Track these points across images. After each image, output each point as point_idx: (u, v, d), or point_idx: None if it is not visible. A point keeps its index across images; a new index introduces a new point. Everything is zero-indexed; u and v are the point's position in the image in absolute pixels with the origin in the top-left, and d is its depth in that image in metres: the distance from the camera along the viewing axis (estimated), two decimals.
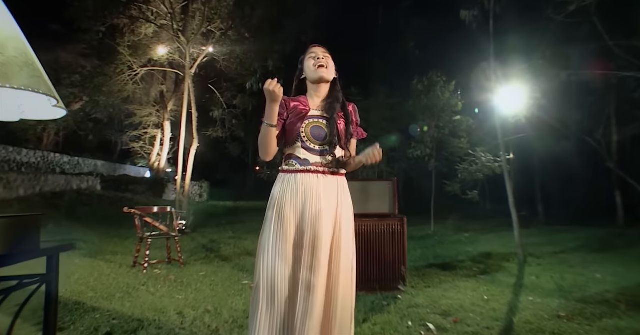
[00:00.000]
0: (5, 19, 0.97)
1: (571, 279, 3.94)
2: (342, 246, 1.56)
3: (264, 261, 1.50)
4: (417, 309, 2.89)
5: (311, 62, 1.64)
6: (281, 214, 1.52)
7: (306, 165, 1.56)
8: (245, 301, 3.05)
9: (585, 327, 2.59)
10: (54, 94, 0.97)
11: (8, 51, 0.89)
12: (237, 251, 5.51)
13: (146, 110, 14.86)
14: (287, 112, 1.61)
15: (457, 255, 5.22)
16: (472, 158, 7.68)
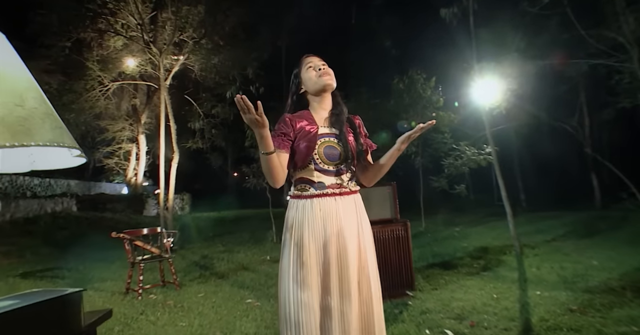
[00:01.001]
0: (19, 65, 0.84)
1: (571, 268, 4.00)
2: (369, 267, 1.47)
3: (286, 294, 1.39)
4: (431, 315, 2.84)
5: (312, 73, 1.54)
6: (300, 244, 1.41)
7: (322, 188, 1.46)
8: (254, 322, 2.93)
9: (600, 320, 2.60)
10: (76, 145, 0.85)
11: (28, 102, 0.77)
12: (232, 266, 5.34)
13: (119, 125, 14.36)
14: (293, 132, 1.48)
15: (455, 252, 5.22)
16: (457, 152, 7.76)
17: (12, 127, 0.72)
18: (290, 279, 1.38)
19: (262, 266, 5.28)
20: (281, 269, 1.44)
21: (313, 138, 1.47)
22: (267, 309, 3.27)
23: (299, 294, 1.36)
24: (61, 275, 5.25)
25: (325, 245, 1.41)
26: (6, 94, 0.76)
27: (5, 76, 0.79)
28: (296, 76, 1.59)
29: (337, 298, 1.38)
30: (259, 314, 3.13)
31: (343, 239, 1.42)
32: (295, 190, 1.49)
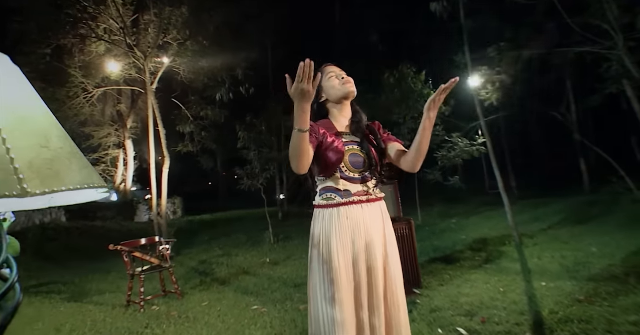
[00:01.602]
0: (37, 100, 0.78)
1: (571, 257, 4.04)
2: (395, 275, 1.48)
3: (317, 309, 1.38)
4: (441, 313, 2.83)
5: (335, 81, 1.54)
6: (329, 256, 1.39)
7: (348, 196, 1.44)
8: (263, 330, 2.89)
9: (608, 309, 2.63)
10: (103, 183, 0.79)
11: (53, 142, 0.71)
12: (232, 271, 5.27)
13: (104, 131, 14.06)
14: (318, 138, 1.43)
15: (455, 246, 5.25)
16: (450, 144, 7.79)
17: (40, 172, 0.66)
18: (322, 297, 1.37)
19: (263, 269, 5.23)
20: (311, 286, 1.44)
21: (339, 146, 1.45)
22: (275, 315, 3.23)
23: (331, 311, 1.34)
24: (57, 290, 5.12)
25: (355, 261, 1.40)
26: (31, 135, 0.69)
27: (28, 115, 0.73)
28: (317, 87, 1.55)
29: (368, 313, 1.38)
30: (267, 321, 3.09)
31: (372, 254, 1.41)
32: (321, 200, 1.47)
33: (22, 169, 0.64)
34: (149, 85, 7.06)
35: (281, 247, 6.94)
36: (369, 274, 1.39)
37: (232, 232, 9.86)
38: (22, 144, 0.67)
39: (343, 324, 1.33)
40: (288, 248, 6.78)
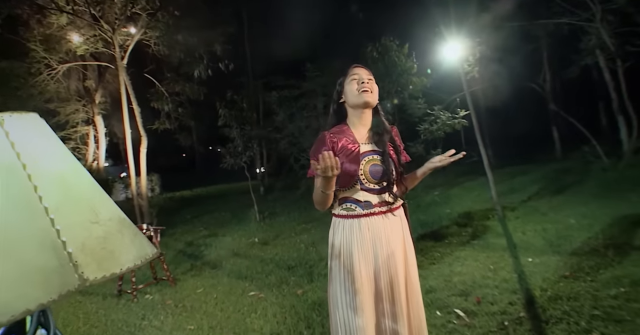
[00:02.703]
0: (74, 163, 0.68)
1: (553, 230, 4.23)
2: (413, 281, 1.51)
3: (339, 318, 1.38)
4: (436, 294, 2.93)
5: (354, 86, 1.46)
6: (351, 266, 1.39)
7: (369, 208, 1.42)
8: (264, 317, 2.91)
9: (591, 284, 2.78)
10: (154, 249, 0.72)
11: (101, 214, 0.63)
12: (222, 253, 5.26)
13: (71, 107, 13.29)
14: (335, 152, 1.41)
15: (441, 220, 5.39)
16: (432, 117, 7.80)
17: (95, 254, 0.58)
18: (345, 305, 1.38)
19: (253, 250, 5.24)
20: (331, 295, 1.44)
21: (356, 158, 1.43)
22: (273, 300, 3.26)
23: (354, 319, 1.36)
24: None
25: (377, 271, 1.41)
26: (79, 209, 0.61)
27: (70, 183, 0.63)
28: (340, 84, 1.52)
29: (390, 320, 1.41)
30: (266, 307, 3.12)
31: (393, 264, 1.42)
32: (342, 210, 1.45)
33: (75, 253, 0.57)
34: (119, 60, 6.61)
35: (268, 225, 6.95)
36: (391, 284, 1.40)
37: (215, 209, 9.78)
38: (71, 222, 0.59)
39: (365, 331, 1.35)
40: (275, 226, 6.80)
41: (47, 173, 0.61)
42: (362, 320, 1.35)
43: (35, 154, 0.60)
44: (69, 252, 0.57)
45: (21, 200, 0.56)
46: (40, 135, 0.66)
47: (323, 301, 3.08)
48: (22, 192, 0.56)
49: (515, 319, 2.39)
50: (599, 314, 2.32)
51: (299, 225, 6.48)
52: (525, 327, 2.28)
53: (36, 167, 0.58)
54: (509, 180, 8.18)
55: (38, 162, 0.59)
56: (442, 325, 2.44)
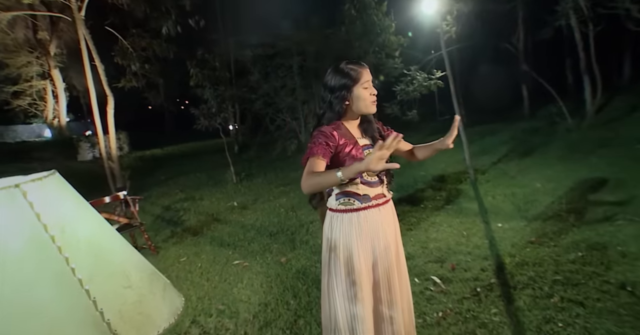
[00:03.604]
0: (99, 221, 0.62)
1: (521, 194, 4.48)
2: (402, 263, 1.59)
3: (336, 306, 1.46)
4: (414, 261, 3.10)
5: (367, 94, 1.43)
6: (350, 259, 1.44)
7: (367, 201, 1.46)
8: (250, 287, 3.02)
9: (554, 249, 3.03)
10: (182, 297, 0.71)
11: (132, 277, 0.60)
12: (201, 218, 5.28)
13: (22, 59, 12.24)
14: (336, 145, 1.40)
15: (416, 183, 5.56)
16: (409, 78, 7.76)
17: (133, 320, 0.57)
18: (341, 295, 1.44)
19: (233, 215, 5.28)
20: (327, 285, 1.49)
21: (360, 152, 1.43)
22: (258, 269, 3.37)
23: (351, 308, 1.43)
24: None
25: (375, 262, 1.48)
26: (111, 275, 0.58)
27: (100, 247, 0.60)
28: (353, 83, 1.42)
29: (387, 307, 1.50)
30: (252, 277, 3.22)
31: (389, 254, 1.49)
32: (340, 205, 1.47)
33: (114, 322, 0.56)
34: (76, 12, 6.01)
35: (245, 187, 6.96)
36: (388, 273, 1.49)
37: (189, 170, 9.63)
38: (105, 290, 0.57)
39: (363, 319, 1.44)
40: (253, 188, 6.82)
41: (76, 241, 0.58)
42: (362, 310, 1.43)
43: (61, 222, 0.57)
44: (108, 322, 0.56)
45: (56, 276, 0.54)
46: (63, 199, 0.62)
47: (307, 269, 3.22)
48: (55, 267, 0.54)
49: (487, 285, 2.60)
50: (560, 279, 2.55)
51: (277, 188, 6.53)
52: (496, 293, 2.49)
53: (64, 236, 0.56)
54: (480, 140, 8.43)
55: (65, 230, 0.56)
56: (421, 292, 2.61)
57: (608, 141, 6.55)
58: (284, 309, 2.62)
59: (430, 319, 2.30)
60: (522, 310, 2.25)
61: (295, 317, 2.49)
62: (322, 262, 1.52)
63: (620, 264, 2.66)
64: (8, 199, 0.53)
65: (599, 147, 6.26)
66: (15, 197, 0.53)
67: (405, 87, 7.87)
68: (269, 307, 2.67)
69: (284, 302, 2.71)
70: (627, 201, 3.79)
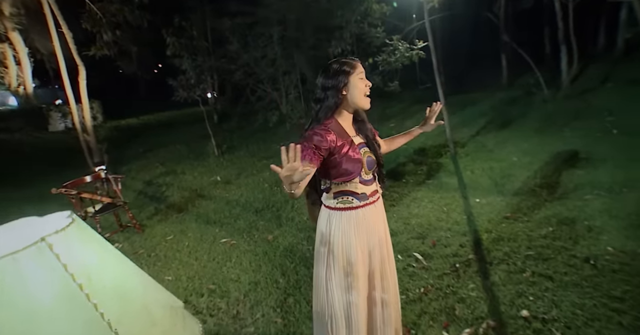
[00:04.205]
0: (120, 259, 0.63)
1: (498, 169, 4.63)
2: (390, 253, 1.69)
3: (331, 295, 1.53)
4: (398, 237, 3.24)
5: (362, 86, 1.44)
6: (348, 253, 1.50)
7: (364, 199, 1.50)
8: (239, 266, 3.10)
9: (527, 224, 3.21)
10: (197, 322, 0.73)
11: (155, 313, 0.61)
12: (184, 194, 5.27)
13: None
14: (329, 147, 1.40)
15: (397, 157, 5.65)
16: (390, 48, 7.66)
17: None
18: (337, 285, 1.51)
19: (217, 190, 5.29)
20: (325, 277, 1.54)
21: (357, 152, 1.46)
22: (245, 247, 3.44)
23: (347, 296, 1.51)
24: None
25: (370, 254, 1.55)
26: (136, 314, 0.60)
27: (125, 289, 0.61)
28: (345, 76, 1.42)
29: (380, 292, 1.60)
30: (240, 255, 3.30)
31: (383, 246, 1.58)
32: (338, 203, 1.51)
33: None
34: None
35: (228, 160, 6.91)
36: (382, 262, 1.58)
37: (168, 141, 9.43)
38: (133, 330, 0.59)
39: (357, 306, 1.53)
40: (235, 162, 6.79)
41: (102, 286, 0.60)
42: (356, 298, 1.52)
43: (87, 270, 0.58)
44: None
45: (87, 323, 0.56)
46: (86, 246, 0.63)
47: (294, 247, 3.32)
48: (85, 314, 0.56)
49: (465, 261, 2.76)
50: (532, 254, 2.73)
51: (260, 162, 6.52)
52: (473, 268, 2.66)
53: (91, 283, 0.57)
54: (460, 111, 8.53)
55: (91, 277, 0.58)
56: (404, 268, 2.76)
57: (581, 113, 6.75)
58: (274, 287, 2.73)
59: (412, 295, 2.44)
60: (497, 285, 2.43)
61: (284, 296, 2.61)
62: (316, 255, 1.58)
63: (586, 238, 2.86)
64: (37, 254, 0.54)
65: (573, 119, 6.46)
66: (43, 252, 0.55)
67: (387, 58, 7.78)
68: (259, 286, 2.77)
69: (273, 281, 2.82)
70: (596, 175, 4.00)
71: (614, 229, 2.94)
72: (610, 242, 2.76)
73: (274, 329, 2.26)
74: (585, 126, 5.93)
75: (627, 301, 2.14)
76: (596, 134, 5.45)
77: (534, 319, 2.07)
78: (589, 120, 6.25)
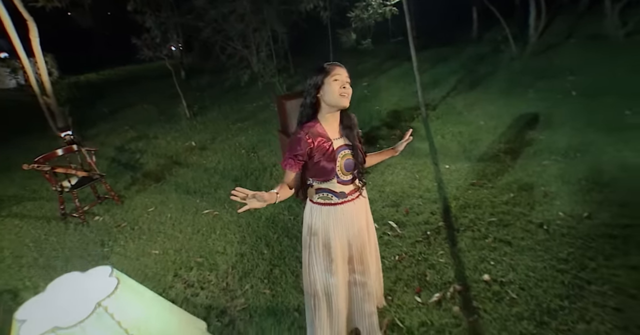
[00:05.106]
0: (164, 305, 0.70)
1: (466, 133, 4.85)
2: (372, 239, 1.89)
3: (317, 277, 1.74)
4: (373, 206, 3.40)
5: (336, 87, 1.50)
6: (328, 242, 1.69)
7: (343, 197, 1.64)
8: (224, 238, 3.25)
9: (491, 190, 3.48)
10: None
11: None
12: (160, 162, 5.22)
13: None
14: (309, 150, 1.54)
15: (371, 120, 5.75)
16: (364, 3, 7.45)
17: None
18: (320, 269, 1.72)
19: (193, 157, 5.27)
20: (308, 261, 1.75)
21: (333, 155, 1.56)
22: (228, 218, 3.57)
23: (328, 278, 1.72)
24: None
25: (349, 243, 1.74)
26: None
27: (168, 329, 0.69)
28: (319, 80, 1.52)
29: (358, 274, 1.81)
30: (224, 227, 3.43)
31: (362, 237, 1.75)
32: (319, 199, 1.66)
33: None
34: None
35: (200, 123, 6.78)
36: (361, 249, 1.76)
37: (134, 100, 9.03)
38: None
39: (337, 286, 1.74)
40: (208, 125, 6.67)
41: (149, 333, 0.69)
42: (336, 279, 1.72)
43: (136, 322, 0.67)
44: None
45: None
46: (133, 302, 0.71)
47: (275, 217, 3.48)
48: None
49: (435, 228, 3.02)
50: (495, 220, 3.02)
51: (234, 125, 6.46)
52: (442, 235, 2.93)
53: (140, 332, 0.67)
54: (431, 69, 8.57)
55: (140, 327, 0.67)
56: (380, 237, 2.99)
57: (544, 72, 6.95)
58: (259, 258, 2.91)
59: (388, 262, 2.70)
60: (463, 251, 2.71)
61: (270, 267, 2.80)
62: (303, 242, 1.76)
63: (542, 204, 3.17)
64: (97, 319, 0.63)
65: (536, 79, 6.66)
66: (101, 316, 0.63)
67: (360, 14, 7.58)
68: (245, 258, 2.94)
69: (259, 252, 2.99)
70: (554, 140, 4.29)
71: (566, 194, 3.25)
72: (562, 207, 3.08)
73: (263, 299, 2.47)
74: (548, 87, 6.15)
75: (570, 262, 2.47)
76: (557, 95, 5.69)
77: (493, 282, 2.37)
78: (551, 81, 6.47)
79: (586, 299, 2.16)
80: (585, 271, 2.37)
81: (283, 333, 2.18)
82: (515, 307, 2.16)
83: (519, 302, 2.20)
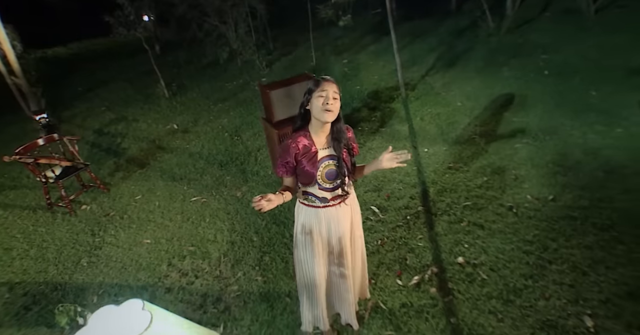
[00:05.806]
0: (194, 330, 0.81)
1: (444, 115, 5.00)
2: (357, 239, 2.06)
3: (303, 268, 1.97)
4: (356, 191, 3.57)
5: (320, 102, 1.60)
6: (311, 238, 1.88)
7: (325, 202, 1.80)
8: (213, 225, 3.37)
9: (466, 174, 3.69)
10: None
11: None
12: (143, 146, 5.19)
13: None
14: (296, 155, 1.68)
15: (353, 101, 5.81)
16: None
17: None
18: (306, 260, 1.94)
19: (176, 141, 5.25)
20: (297, 256, 1.97)
21: (315, 164, 1.70)
22: (217, 205, 3.68)
23: (312, 267, 1.94)
24: None
25: (330, 241, 1.93)
26: None
27: None
28: (309, 93, 1.65)
29: (337, 266, 2.01)
30: (213, 214, 3.54)
31: (343, 236, 1.92)
32: (304, 200, 1.83)
33: None
34: None
35: (181, 104, 6.66)
36: (340, 245, 1.93)
37: (109, 78, 8.68)
38: None
39: (321, 275, 1.96)
40: (189, 105, 6.56)
41: None
42: (316, 267, 1.93)
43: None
44: None
45: None
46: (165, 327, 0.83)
47: None
48: None
49: (415, 213, 3.22)
50: (469, 204, 3.24)
51: (215, 105, 6.39)
52: (421, 220, 3.14)
53: None
54: (410, 45, 8.54)
55: None
56: (363, 222, 3.12)
57: (519, 49, 7.04)
58: (250, 246, 3.07)
59: (371, 247, 2.90)
60: (440, 235, 2.93)
61: (261, 254, 2.97)
62: (293, 237, 1.96)
63: (512, 187, 3.40)
64: None
65: (512, 57, 6.77)
66: None
67: None
68: (236, 246, 3.09)
69: (248, 240, 3.14)
70: (527, 122, 4.48)
71: (534, 177, 3.49)
72: (530, 190, 3.32)
73: (255, 286, 2.65)
74: (522, 65, 6.27)
75: (534, 244, 2.73)
76: (530, 75, 5.85)
77: (467, 265, 2.61)
78: (525, 59, 6.58)
79: (547, 278, 2.43)
80: (548, 251, 2.63)
81: (276, 318, 2.38)
82: (485, 288, 2.41)
83: (489, 282, 2.45)
